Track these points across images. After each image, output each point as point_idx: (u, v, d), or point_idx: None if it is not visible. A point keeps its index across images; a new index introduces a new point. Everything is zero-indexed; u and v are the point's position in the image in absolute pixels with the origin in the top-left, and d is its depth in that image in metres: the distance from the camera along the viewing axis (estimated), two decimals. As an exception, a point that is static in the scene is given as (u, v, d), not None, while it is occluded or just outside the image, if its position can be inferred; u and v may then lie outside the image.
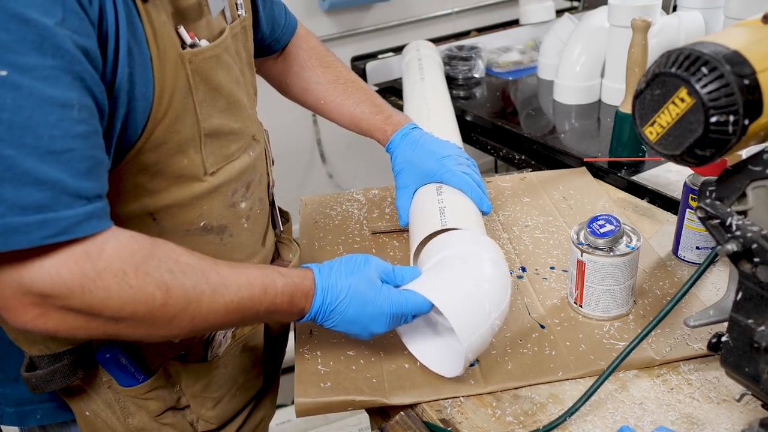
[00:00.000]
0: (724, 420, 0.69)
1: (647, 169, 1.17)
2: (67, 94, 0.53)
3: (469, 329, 0.70)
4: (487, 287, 0.73)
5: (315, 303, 0.71)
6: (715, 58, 0.53)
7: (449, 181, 0.91)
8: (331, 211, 1.13)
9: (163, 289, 0.59)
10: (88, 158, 0.56)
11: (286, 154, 2.28)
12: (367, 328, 0.72)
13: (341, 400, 0.75)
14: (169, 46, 0.65)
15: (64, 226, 0.54)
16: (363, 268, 0.73)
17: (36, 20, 0.51)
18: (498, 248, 0.80)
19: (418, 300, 0.72)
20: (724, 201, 0.62)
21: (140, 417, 0.81)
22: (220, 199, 0.76)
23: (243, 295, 0.65)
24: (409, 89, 1.33)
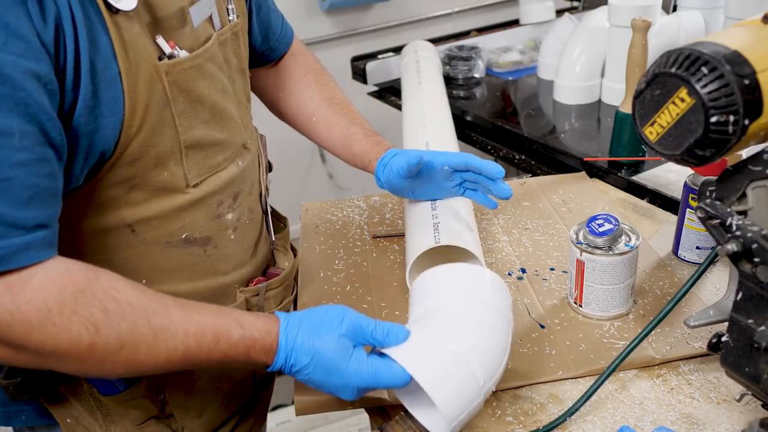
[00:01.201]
0: (724, 420, 0.69)
1: (647, 169, 1.17)
2: (6, 122, 0.52)
3: (455, 406, 0.62)
4: (481, 352, 0.65)
5: (277, 360, 0.65)
6: (715, 58, 0.53)
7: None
8: (331, 216, 1.13)
9: (91, 330, 0.56)
10: (28, 187, 0.54)
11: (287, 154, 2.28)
12: (334, 394, 0.67)
13: (341, 400, 0.75)
14: (143, 58, 0.63)
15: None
16: (333, 330, 0.65)
17: None
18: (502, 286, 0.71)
19: (393, 373, 0.64)
20: (724, 201, 0.62)
21: (123, 425, 0.79)
22: (203, 211, 0.74)
23: (190, 343, 0.61)
24: (407, 95, 1.33)
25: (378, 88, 1.77)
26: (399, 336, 0.66)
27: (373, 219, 1.11)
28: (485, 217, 1.10)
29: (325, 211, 1.15)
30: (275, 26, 0.95)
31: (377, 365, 0.65)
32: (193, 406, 0.83)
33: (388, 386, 0.65)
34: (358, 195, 1.20)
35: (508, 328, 0.69)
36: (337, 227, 1.10)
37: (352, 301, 0.91)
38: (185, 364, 0.62)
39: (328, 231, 1.09)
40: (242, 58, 0.82)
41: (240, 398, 0.90)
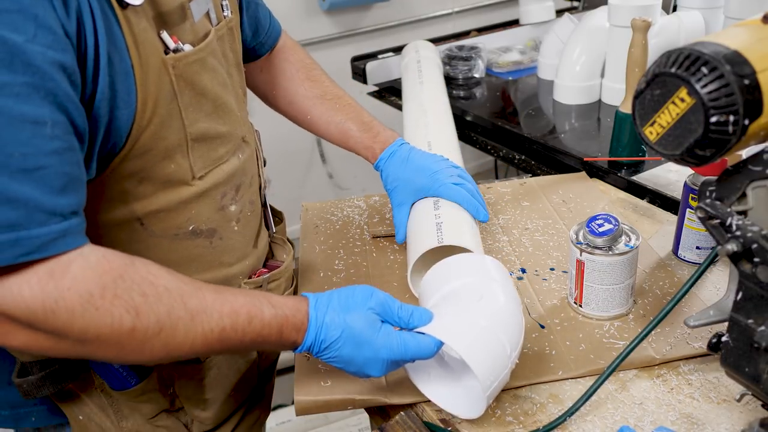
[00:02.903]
0: (724, 420, 0.69)
1: (647, 169, 1.17)
2: (39, 111, 0.53)
3: (490, 373, 0.66)
4: (503, 321, 0.69)
5: (308, 337, 0.67)
6: (715, 58, 0.53)
7: (444, 194, 0.91)
8: (331, 216, 1.13)
9: (132, 313, 0.57)
10: (62, 175, 0.55)
11: (286, 154, 2.28)
12: (362, 370, 0.69)
13: (341, 399, 0.75)
14: (151, 52, 0.64)
15: (38, 244, 0.53)
16: (362, 306, 0.68)
17: (5, 37, 0.50)
18: (505, 271, 0.76)
19: (421, 345, 0.67)
20: (724, 201, 0.62)
21: (134, 420, 0.81)
22: (208, 203, 0.75)
23: (225, 324, 0.62)
24: (408, 94, 1.33)
25: (378, 88, 1.77)
26: (423, 317, 0.69)
27: (373, 219, 1.11)
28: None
29: (325, 211, 1.15)
30: (264, 21, 0.97)
31: (405, 337, 0.67)
32: (202, 398, 0.84)
33: (416, 357, 0.68)
34: (358, 195, 1.20)
35: (519, 303, 0.73)
36: (337, 227, 1.10)
37: (352, 301, 0.91)
38: (221, 346, 0.64)
39: (328, 231, 1.09)
40: (237, 53, 0.84)
41: (246, 390, 0.91)
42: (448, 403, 0.71)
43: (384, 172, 0.97)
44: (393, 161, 0.96)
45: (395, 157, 0.96)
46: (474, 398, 0.70)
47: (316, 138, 2.33)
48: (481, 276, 0.73)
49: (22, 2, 0.52)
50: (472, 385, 0.71)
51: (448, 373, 0.73)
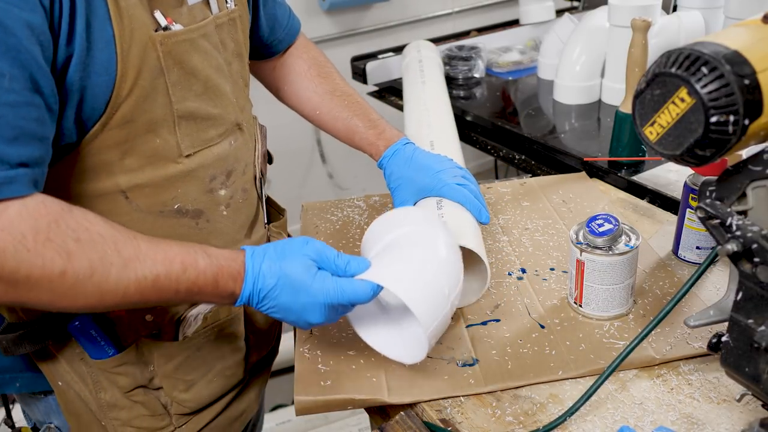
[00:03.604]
0: (724, 420, 0.69)
1: (647, 169, 1.17)
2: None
3: (429, 312, 0.67)
4: (441, 265, 0.70)
5: (245, 287, 0.68)
6: (715, 58, 0.53)
7: (447, 194, 0.91)
8: (331, 216, 1.13)
9: (63, 257, 0.58)
10: (14, 127, 0.57)
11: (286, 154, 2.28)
12: (301, 317, 0.69)
13: (341, 399, 0.75)
14: (138, 26, 0.66)
15: None
16: (298, 253, 0.69)
17: None
18: (442, 223, 0.77)
19: (357, 289, 0.68)
20: (724, 201, 0.62)
21: (112, 392, 0.82)
22: (196, 184, 0.77)
23: (159, 271, 0.63)
24: (410, 93, 1.33)
25: (378, 88, 1.77)
26: (360, 265, 0.70)
27: (373, 219, 1.11)
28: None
29: (325, 211, 1.15)
30: (282, 19, 1.00)
31: (341, 281, 0.68)
32: (182, 378, 0.85)
33: (353, 301, 0.68)
34: (358, 195, 1.20)
35: (457, 249, 0.74)
36: (337, 227, 1.10)
37: (352, 301, 0.91)
38: (156, 295, 0.64)
39: (328, 231, 1.09)
40: (239, 43, 0.85)
41: (230, 380, 0.92)
42: (392, 351, 0.72)
43: (387, 170, 0.97)
44: (396, 159, 0.96)
45: (399, 156, 0.96)
46: (417, 343, 0.72)
47: (317, 138, 2.34)
48: (416, 225, 0.75)
49: None
50: (414, 330, 0.72)
51: (390, 322, 0.75)
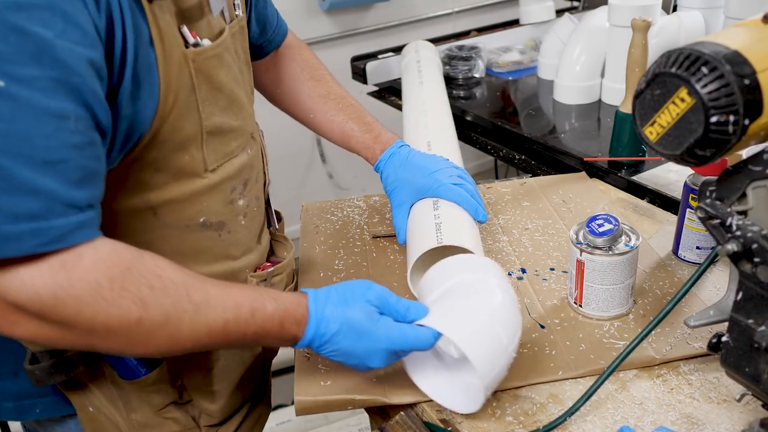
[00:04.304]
0: (724, 420, 0.69)
1: (647, 169, 1.17)
2: (64, 105, 0.54)
3: (488, 365, 0.67)
4: (501, 316, 0.69)
5: (308, 331, 0.68)
6: (715, 58, 0.53)
7: (443, 194, 0.91)
8: (331, 216, 1.13)
9: (139, 305, 0.58)
10: (81, 168, 0.56)
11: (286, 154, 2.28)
12: (363, 362, 0.69)
13: (341, 399, 0.75)
14: (174, 45, 0.66)
15: (56, 235, 0.54)
16: (360, 298, 0.70)
17: (35, 32, 0.51)
18: (501, 269, 0.77)
19: (420, 335, 0.68)
20: (724, 201, 0.62)
21: (143, 412, 0.81)
22: (219, 196, 0.77)
23: (228, 317, 0.64)
24: (408, 94, 1.33)
25: (378, 88, 1.77)
26: (420, 311, 0.71)
27: (373, 219, 1.11)
28: (485, 217, 1.10)
29: (325, 211, 1.15)
30: (271, 19, 0.99)
31: (404, 327, 0.69)
32: (210, 389, 0.85)
33: (414, 348, 0.69)
34: (358, 195, 1.21)
35: (515, 299, 0.73)
36: (337, 227, 1.10)
37: (352, 301, 0.91)
38: (224, 339, 0.65)
39: (328, 231, 1.09)
40: (247, 51, 0.85)
41: (251, 384, 0.92)
42: (446, 399, 0.72)
43: (384, 173, 0.98)
44: (392, 162, 0.96)
45: (395, 158, 0.97)
46: (472, 393, 0.71)
47: (316, 138, 2.33)
48: (478, 274, 0.74)
49: None
50: (470, 379, 0.71)
51: (445, 369, 0.74)
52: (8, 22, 0.50)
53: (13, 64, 0.51)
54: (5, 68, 0.50)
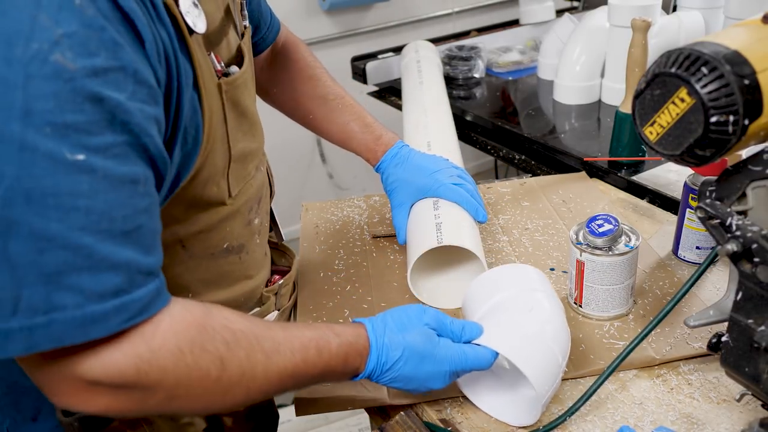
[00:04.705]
0: (724, 420, 0.69)
1: (647, 169, 1.17)
2: (135, 170, 0.51)
3: (545, 382, 0.67)
4: (554, 332, 0.70)
5: (370, 362, 0.66)
6: (715, 58, 0.53)
7: (443, 194, 0.91)
8: (332, 216, 1.13)
9: (217, 364, 0.56)
10: (151, 232, 0.54)
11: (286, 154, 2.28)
12: (424, 385, 0.68)
13: (341, 399, 0.75)
14: (209, 78, 0.62)
15: (139, 307, 0.52)
16: (418, 323, 0.69)
17: (109, 98, 0.48)
18: (547, 280, 0.77)
19: (479, 355, 0.68)
20: (724, 201, 0.62)
21: None
22: (239, 220, 0.74)
23: (297, 360, 0.61)
24: (408, 95, 1.33)
25: (378, 88, 1.77)
26: (473, 330, 0.70)
27: (373, 219, 1.11)
28: (485, 217, 1.10)
29: (325, 211, 1.15)
30: (265, 16, 0.96)
31: (464, 348, 0.68)
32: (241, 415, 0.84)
33: (475, 368, 0.68)
34: (358, 195, 1.20)
35: (563, 310, 0.75)
36: (337, 227, 1.10)
37: (352, 301, 0.91)
38: (293, 382, 0.63)
39: (328, 231, 1.09)
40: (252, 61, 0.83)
41: None
42: (498, 412, 0.72)
43: (384, 173, 0.97)
44: (393, 163, 0.96)
45: (395, 159, 0.96)
46: (527, 407, 0.71)
47: (316, 138, 2.33)
48: (525, 286, 0.74)
49: (123, 58, 0.49)
50: (526, 393, 0.71)
51: (499, 383, 0.74)
52: (85, 89, 0.47)
53: (90, 134, 0.47)
54: (83, 140, 0.47)
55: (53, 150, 0.46)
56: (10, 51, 0.45)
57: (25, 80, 0.45)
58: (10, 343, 0.48)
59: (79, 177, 0.47)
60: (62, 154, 0.46)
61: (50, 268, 0.47)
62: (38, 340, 0.48)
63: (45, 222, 0.47)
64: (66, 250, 0.47)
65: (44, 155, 0.46)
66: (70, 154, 0.47)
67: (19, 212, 0.46)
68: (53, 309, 0.48)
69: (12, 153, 0.45)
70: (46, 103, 0.45)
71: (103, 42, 0.48)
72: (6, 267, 0.47)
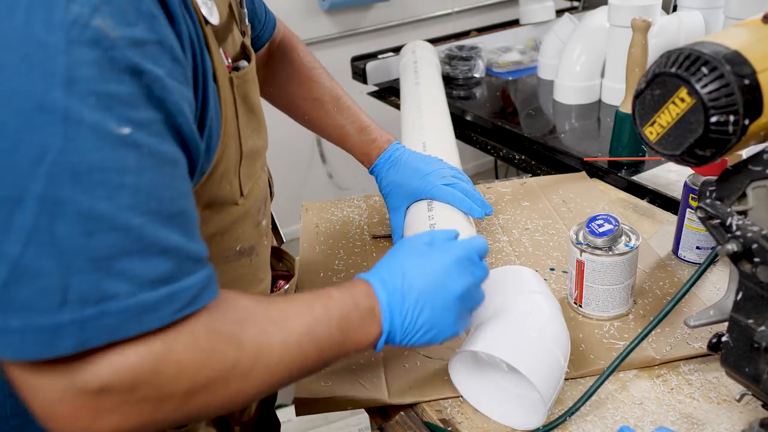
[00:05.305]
0: (724, 420, 0.69)
1: (647, 169, 1.17)
2: (174, 150, 0.48)
3: (549, 386, 0.67)
4: (555, 335, 0.70)
5: (378, 293, 0.61)
6: (715, 58, 0.53)
7: (436, 196, 0.91)
8: (331, 216, 1.13)
9: (233, 344, 0.51)
10: (194, 218, 0.50)
11: (286, 154, 2.28)
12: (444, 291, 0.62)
13: (341, 400, 0.75)
14: (223, 72, 0.60)
15: (190, 296, 0.48)
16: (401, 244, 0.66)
17: (149, 71, 0.45)
18: (542, 280, 0.77)
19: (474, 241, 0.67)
20: (724, 201, 0.62)
21: None
22: (250, 220, 0.73)
23: (308, 319, 0.57)
24: (405, 95, 1.33)
25: (378, 88, 1.77)
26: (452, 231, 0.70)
27: (373, 219, 1.11)
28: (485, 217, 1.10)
29: (325, 211, 1.15)
30: (260, 14, 0.95)
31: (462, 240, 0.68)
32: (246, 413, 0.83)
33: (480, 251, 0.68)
34: (358, 195, 1.20)
35: (560, 310, 0.74)
36: (337, 227, 1.10)
37: (352, 301, 0.91)
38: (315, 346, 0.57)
39: (328, 231, 1.09)
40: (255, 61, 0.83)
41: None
42: (506, 418, 0.71)
43: (378, 177, 0.98)
44: (386, 166, 0.96)
45: (388, 162, 0.96)
46: (533, 410, 0.70)
47: (316, 138, 2.33)
48: (521, 289, 0.74)
49: (160, 32, 0.47)
50: (530, 397, 0.71)
51: (501, 389, 0.73)
52: (125, 60, 0.43)
53: (132, 108, 0.44)
54: (127, 113, 0.44)
55: (99, 122, 0.42)
56: (51, 14, 0.41)
57: (68, 45, 0.41)
58: (59, 340, 0.43)
59: (126, 152, 0.44)
60: (108, 126, 0.43)
61: (100, 252, 0.43)
62: (90, 335, 0.44)
63: (93, 201, 0.42)
64: (116, 232, 0.43)
65: (90, 127, 0.42)
66: (116, 126, 0.43)
67: (67, 190, 0.42)
68: (105, 298, 0.43)
69: (56, 124, 0.41)
70: (89, 71, 0.42)
71: (141, 13, 0.45)
72: (53, 252, 0.42)
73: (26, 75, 0.41)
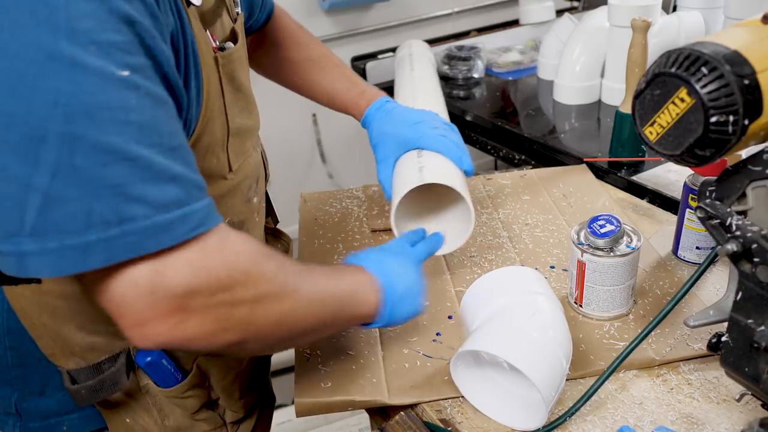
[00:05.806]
0: (724, 420, 0.69)
1: (647, 169, 1.17)
2: (165, 93, 0.54)
3: (551, 388, 0.67)
4: (557, 336, 0.70)
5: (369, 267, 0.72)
6: (715, 58, 0.53)
7: (426, 145, 0.90)
8: (330, 208, 1.13)
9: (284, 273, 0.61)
10: (191, 153, 0.56)
11: (286, 154, 2.28)
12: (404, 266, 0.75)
13: (341, 400, 0.75)
14: (206, 50, 0.66)
15: (200, 218, 0.54)
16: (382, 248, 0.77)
17: (139, 21, 0.51)
18: (545, 280, 0.78)
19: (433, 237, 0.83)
20: (724, 201, 0.62)
21: (175, 417, 0.81)
22: (239, 196, 0.77)
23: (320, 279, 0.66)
24: (399, 81, 1.32)
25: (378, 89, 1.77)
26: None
27: (372, 211, 1.11)
28: (485, 211, 1.10)
29: (324, 202, 1.15)
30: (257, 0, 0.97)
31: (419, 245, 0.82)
32: (236, 388, 0.85)
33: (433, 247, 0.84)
34: (358, 194, 1.20)
35: (563, 310, 0.75)
36: (335, 220, 1.10)
37: (352, 301, 0.91)
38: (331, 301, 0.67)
39: (327, 224, 1.09)
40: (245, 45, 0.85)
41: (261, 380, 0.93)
42: (507, 419, 0.71)
43: (369, 127, 0.97)
44: (378, 116, 0.96)
45: (380, 113, 0.96)
46: (534, 411, 0.70)
47: (316, 138, 2.34)
48: (524, 289, 0.74)
49: None
50: (532, 398, 0.71)
51: (503, 390, 0.73)
52: (120, 11, 0.49)
53: (128, 54, 0.50)
54: (125, 59, 0.50)
55: (102, 67, 0.48)
56: None
57: (67, 1, 0.47)
58: (90, 256, 0.49)
59: (127, 92, 0.49)
60: (110, 70, 0.48)
61: (115, 180, 0.49)
62: (116, 251, 0.50)
63: (105, 135, 0.48)
64: (127, 162, 0.49)
65: (94, 72, 0.48)
66: (117, 70, 0.49)
67: (81, 128, 0.47)
68: (124, 220, 0.49)
69: (65, 70, 0.47)
70: (87, 22, 0.47)
71: None
72: (76, 181, 0.48)
73: (35, 29, 0.46)
